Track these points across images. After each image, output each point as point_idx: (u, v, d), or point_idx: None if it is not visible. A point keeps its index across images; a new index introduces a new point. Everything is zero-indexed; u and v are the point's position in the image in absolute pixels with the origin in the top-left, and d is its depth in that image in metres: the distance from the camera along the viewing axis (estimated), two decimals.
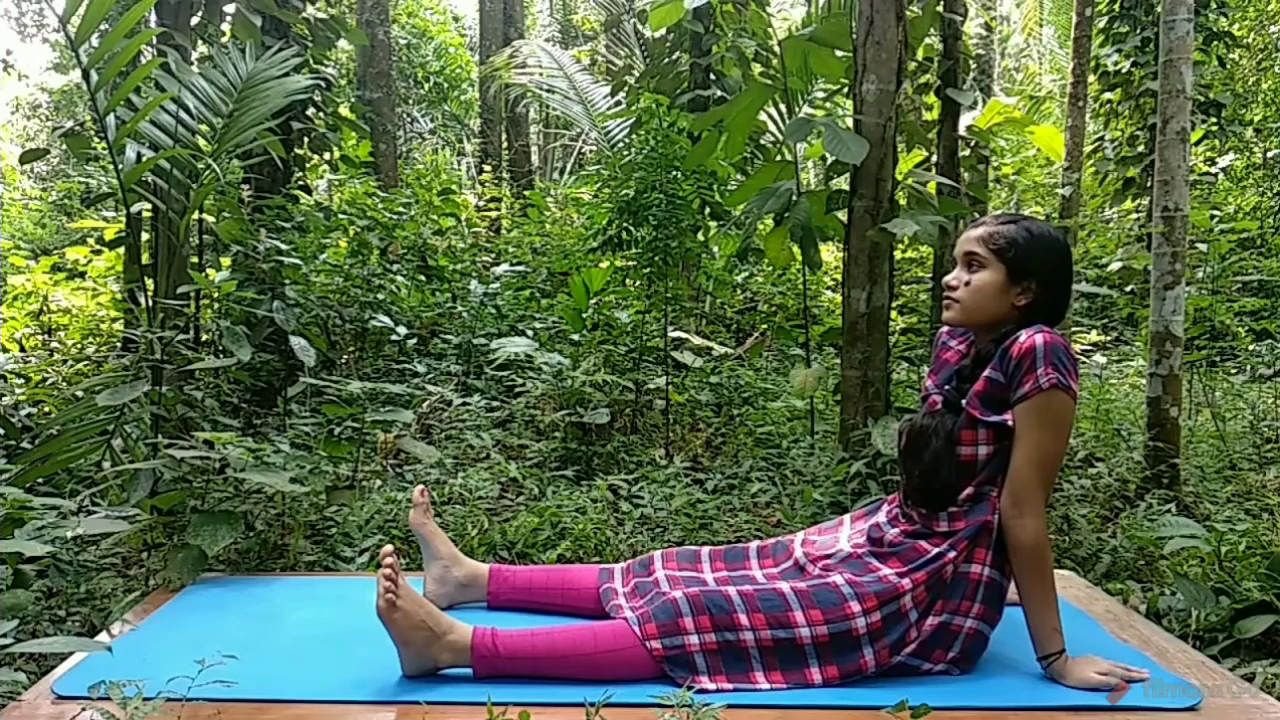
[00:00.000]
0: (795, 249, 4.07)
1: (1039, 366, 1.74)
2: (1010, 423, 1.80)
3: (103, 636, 2.03)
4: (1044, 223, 1.92)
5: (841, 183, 3.92)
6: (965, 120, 4.50)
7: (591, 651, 1.81)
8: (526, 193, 10.43)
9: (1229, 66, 10.91)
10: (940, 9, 4.20)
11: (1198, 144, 9.21)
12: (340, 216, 5.65)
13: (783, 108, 6.64)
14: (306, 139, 5.78)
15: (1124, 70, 9.77)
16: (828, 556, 1.98)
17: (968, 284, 1.88)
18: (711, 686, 1.75)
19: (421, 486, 2.16)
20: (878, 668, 1.79)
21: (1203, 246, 5.53)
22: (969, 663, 1.85)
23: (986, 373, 1.82)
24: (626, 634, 1.82)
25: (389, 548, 1.87)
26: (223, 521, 2.48)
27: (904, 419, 2.00)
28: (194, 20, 5.19)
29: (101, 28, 4.65)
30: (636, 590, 2.04)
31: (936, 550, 1.83)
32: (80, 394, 3.84)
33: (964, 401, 1.85)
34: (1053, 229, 1.90)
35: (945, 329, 2.06)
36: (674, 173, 4.28)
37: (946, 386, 1.94)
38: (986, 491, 1.84)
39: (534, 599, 2.18)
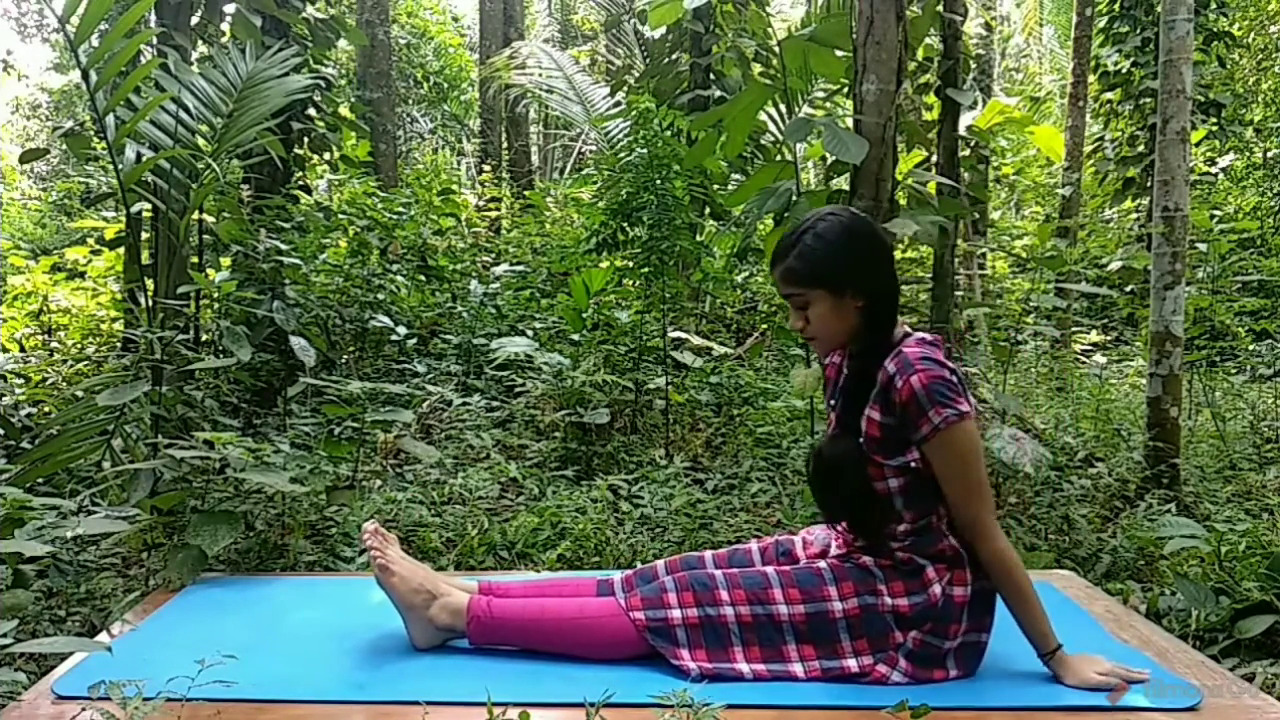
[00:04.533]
0: None
1: (927, 409, 1.72)
2: (913, 464, 1.78)
3: (103, 636, 2.03)
4: (825, 219, 1.83)
5: (841, 183, 3.92)
6: (965, 120, 4.51)
7: (577, 617, 1.90)
8: (526, 193, 10.43)
9: (1229, 66, 10.91)
10: (940, 9, 4.20)
11: (1198, 144, 9.21)
12: (340, 216, 5.65)
13: (783, 108, 6.64)
14: (306, 139, 5.79)
15: (1124, 70, 9.78)
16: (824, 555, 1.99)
17: (809, 322, 1.85)
18: (692, 664, 1.79)
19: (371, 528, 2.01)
20: (861, 671, 1.78)
21: (1203, 246, 5.53)
22: (971, 673, 1.84)
23: (877, 418, 1.80)
24: (613, 606, 1.90)
25: (369, 524, 1.96)
26: (223, 521, 2.48)
27: (813, 441, 1.98)
28: (194, 20, 5.20)
29: (101, 28, 4.65)
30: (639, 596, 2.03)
31: (926, 579, 1.80)
32: (80, 394, 3.84)
33: (861, 442, 1.83)
34: (834, 219, 1.82)
35: None
36: (667, 173, 4.27)
37: (832, 401, 1.96)
38: (925, 523, 1.81)
39: None
